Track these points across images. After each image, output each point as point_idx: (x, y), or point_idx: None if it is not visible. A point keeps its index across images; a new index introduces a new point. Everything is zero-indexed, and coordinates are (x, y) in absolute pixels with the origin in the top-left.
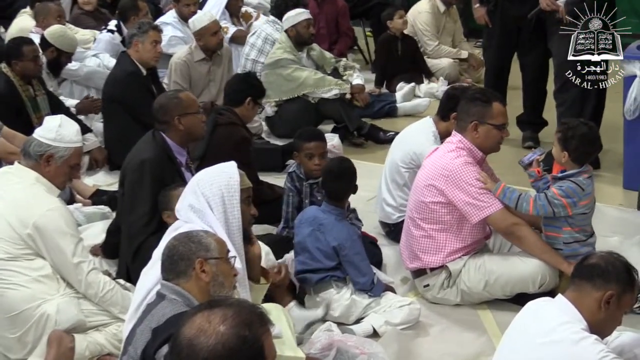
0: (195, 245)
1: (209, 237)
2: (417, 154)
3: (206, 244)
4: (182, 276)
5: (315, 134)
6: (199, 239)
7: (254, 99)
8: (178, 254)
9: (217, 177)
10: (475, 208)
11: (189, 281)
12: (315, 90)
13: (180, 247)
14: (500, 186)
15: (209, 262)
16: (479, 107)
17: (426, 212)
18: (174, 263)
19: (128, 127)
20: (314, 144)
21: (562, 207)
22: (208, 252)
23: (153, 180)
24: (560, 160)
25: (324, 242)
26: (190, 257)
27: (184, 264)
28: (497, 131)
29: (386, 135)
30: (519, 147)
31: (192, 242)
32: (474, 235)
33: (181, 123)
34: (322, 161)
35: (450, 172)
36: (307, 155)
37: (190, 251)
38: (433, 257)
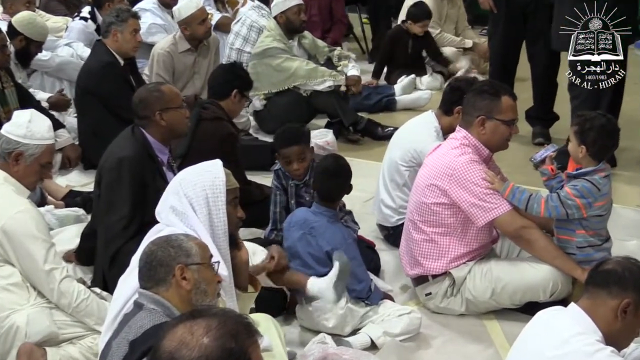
0: (175, 250)
1: (189, 241)
2: (417, 151)
3: (187, 248)
4: (162, 284)
5: (291, 137)
6: (179, 243)
7: (240, 92)
8: (156, 260)
9: (201, 177)
10: (481, 209)
11: (169, 289)
12: (307, 82)
13: (159, 252)
14: (509, 186)
15: (190, 268)
16: (487, 101)
17: (428, 214)
18: (152, 270)
19: (104, 122)
20: (289, 150)
21: (576, 209)
22: (189, 258)
23: (132, 180)
24: (578, 155)
25: (316, 246)
26: (170, 263)
27: (163, 270)
28: (506, 127)
29: (384, 131)
30: (528, 143)
31: (172, 247)
32: (479, 239)
33: (163, 118)
34: (303, 164)
35: (454, 170)
36: (285, 160)
37: (170, 257)
38: (435, 263)
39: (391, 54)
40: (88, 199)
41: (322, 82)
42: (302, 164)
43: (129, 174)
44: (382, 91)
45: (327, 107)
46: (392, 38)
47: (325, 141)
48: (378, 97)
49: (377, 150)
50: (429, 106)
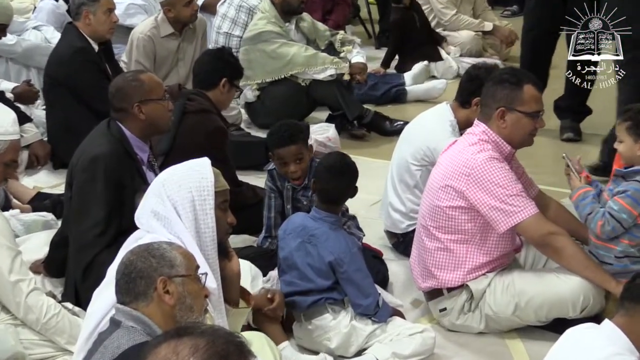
0: (157, 260)
1: (173, 250)
2: (431, 148)
3: (170, 258)
4: (142, 298)
5: (286, 136)
6: (161, 253)
7: (230, 81)
8: (136, 271)
9: (186, 177)
10: (503, 214)
11: (150, 304)
12: (306, 70)
13: (139, 262)
14: (582, 190)
15: (174, 281)
16: (507, 91)
17: (442, 219)
18: (130, 282)
19: (76, 115)
20: (285, 151)
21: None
22: (173, 269)
23: (107, 180)
24: (635, 153)
25: (317, 256)
26: (151, 275)
27: (144, 283)
28: (529, 120)
29: (393, 125)
30: (556, 138)
31: (153, 257)
32: (501, 247)
33: (142, 111)
34: (300, 166)
35: (472, 169)
36: (280, 162)
37: (151, 267)
38: (451, 275)
39: (402, 39)
40: (58, 202)
41: (322, 70)
42: (299, 166)
43: (104, 174)
44: (390, 80)
45: (328, 98)
46: (397, 23)
47: (326, 137)
48: (386, 87)
49: (385, 147)
50: (444, 97)
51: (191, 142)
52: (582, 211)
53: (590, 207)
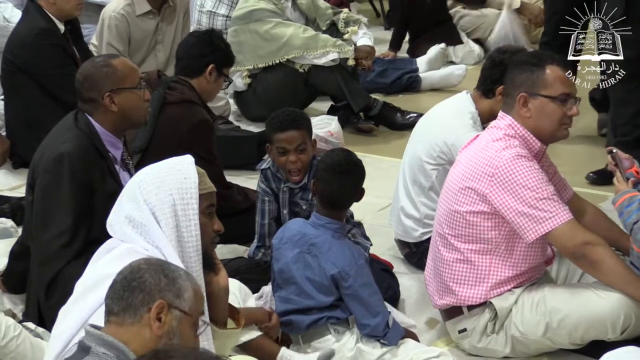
0: (167, 282)
1: (187, 282)
2: (448, 144)
3: (181, 287)
4: (130, 313)
5: (289, 119)
6: (174, 277)
7: (218, 67)
8: (140, 282)
9: (166, 178)
10: (532, 220)
11: (134, 325)
12: (304, 54)
13: (147, 274)
14: (627, 195)
15: (172, 312)
16: (527, 74)
17: (462, 227)
18: (128, 290)
19: (39, 106)
20: (286, 136)
21: None
22: (178, 299)
23: (74, 182)
24: None
25: (317, 269)
26: (153, 293)
27: (141, 297)
28: (557, 106)
29: (405, 117)
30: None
31: (165, 276)
32: (529, 258)
33: (114, 102)
34: (302, 157)
35: (497, 169)
36: (280, 151)
37: (157, 285)
38: (472, 291)
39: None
40: (18, 207)
41: (323, 54)
42: (301, 157)
43: (70, 175)
44: (402, 66)
45: (330, 87)
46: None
47: (327, 131)
48: (397, 74)
49: (396, 143)
50: (464, 85)
51: (172, 137)
52: (626, 219)
53: (636, 214)
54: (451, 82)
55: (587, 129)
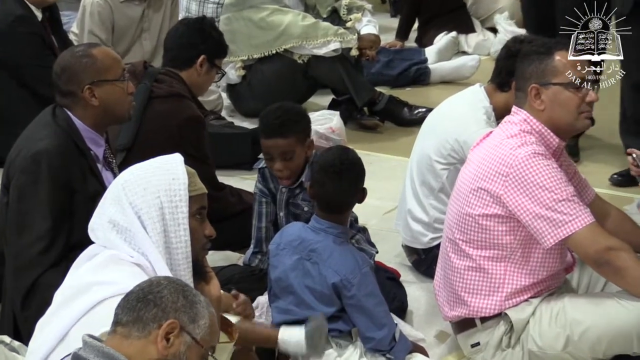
0: (185, 304)
1: (206, 310)
2: (460, 141)
3: (198, 313)
4: (139, 326)
5: (276, 124)
6: (194, 301)
7: (209, 58)
8: (157, 296)
9: (153, 178)
10: (550, 224)
11: (141, 339)
12: (303, 44)
13: (166, 290)
14: None
15: (183, 335)
16: (536, 62)
17: (474, 232)
18: (142, 302)
19: (14, 100)
20: (270, 143)
21: None
22: (192, 324)
23: (53, 183)
24: None
25: (318, 277)
26: (168, 311)
27: (154, 312)
28: (571, 93)
29: (413, 112)
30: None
31: (184, 297)
32: (548, 266)
33: (94, 95)
34: (289, 164)
35: (511, 168)
36: (266, 156)
37: (174, 305)
38: (485, 301)
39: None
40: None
41: (324, 43)
42: (288, 164)
43: (48, 175)
44: (409, 56)
45: (331, 79)
46: None
47: (328, 127)
48: (404, 65)
49: (403, 140)
50: (476, 78)
51: (159, 134)
52: None
53: None
54: (463, 74)
55: (611, 123)
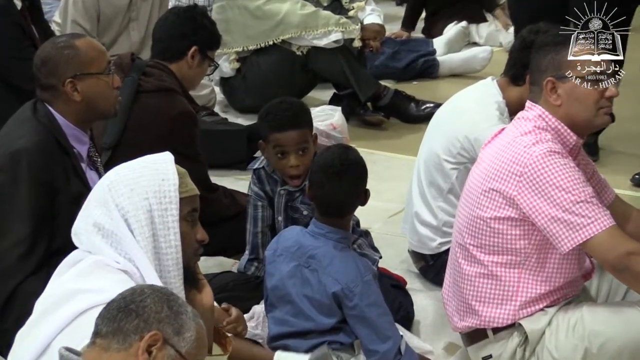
0: (170, 315)
1: (193, 322)
2: (471, 139)
3: (184, 325)
4: (119, 338)
5: (288, 115)
6: (179, 311)
7: (201, 50)
8: (140, 306)
9: (141, 179)
10: (567, 227)
11: (120, 352)
12: (302, 34)
13: (149, 299)
14: None
15: (167, 349)
16: (551, 55)
17: (486, 236)
18: (123, 312)
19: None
20: (284, 137)
21: None
22: (177, 337)
23: (33, 183)
24: None
25: (317, 286)
26: (150, 322)
27: (136, 323)
28: (589, 87)
29: (420, 108)
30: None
31: (169, 308)
32: (564, 272)
33: (77, 89)
34: (304, 159)
35: (526, 167)
36: (277, 151)
37: (157, 316)
38: (498, 310)
39: None
40: None
41: (325, 34)
42: (303, 159)
43: (28, 175)
44: (416, 48)
45: (332, 72)
46: None
47: (329, 124)
48: (411, 57)
49: (409, 138)
50: (488, 70)
51: (147, 131)
52: None
53: None
54: (474, 66)
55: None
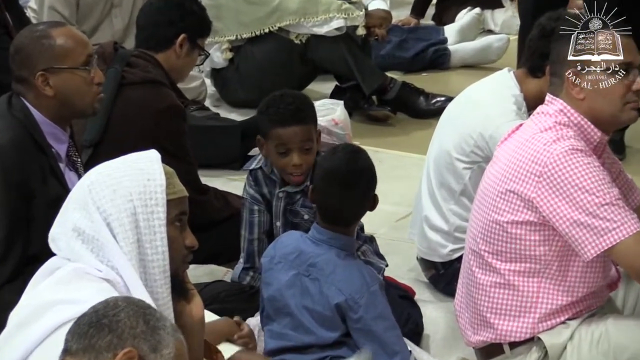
0: (146, 330)
1: (172, 338)
2: (486, 136)
3: (161, 341)
4: (90, 356)
5: (292, 110)
6: (156, 326)
7: (190, 38)
8: (113, 321)
9: (124, 179)
10: (591, 232)
11: None
12: (301, 21)
13: (123, 313)
14: None
15: None
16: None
17: (503, 242)
18: (96, 328)
19: None
20: (289, 132)
21: None
22: (153, 354)
23: (7, 184)
24: None
25: (319, 296)
26: (125, 338)
27: (109, 339)
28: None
29: (430, 102)
30: None
31: (145, 322)
32: (588, 282)
33: (49, 84)
34: (307, 158)
35: (546, 166)
36: (280, 149)
37: (132, 331)
38: (516, 323)
39: None
40: None
41: (326, 21)
42: (306, 158)
43: (2, 175)
44: (426, 36)
45: (334, 62)
46: None
47: (331, 119)
48: (420, 46)
49: (418, 134)
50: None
51: (131, 127)
52: None
53: None
54: (489, 56)
55: None
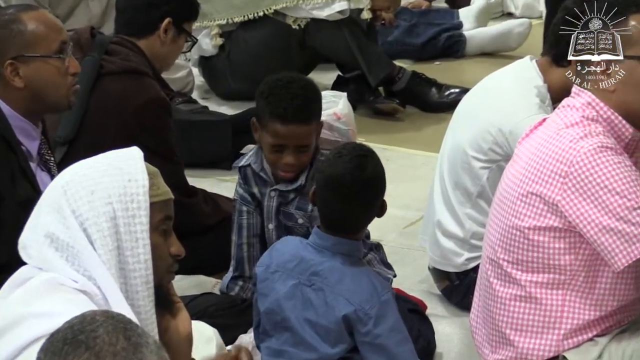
0: (126, 347)
1: (155, 355)
2: (505, 132)
3: (144, 357)
4: None
5: (297, 106)
6: (138, 343)
7: (176, 22)
8: (91, 336)
9: (103, 179)
10: (622, 239)
11: None
12: (299, 4)
13: (102, 329)
14: None
15: None
16: None
17: (524, 250)
18: (71, 345)
19: None
20: (287, 130)
21: None
22: None
23: None
24: None
25: (323, 308)
26: (102, 356)
27: (86, 358)
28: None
29: (443, 94)
30: None
31: (126, 338)
32: (618, 294)
33: (18, 74)
34: (300, 158)
35: (572, 166)
36: (274, 143)
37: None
38: (538, 340)
39: None
40: None
41: (327, 3)
42: (301, 157)
43: None
44: (439, 20)
45: (336, 50)
46: None
47: (332, 113)
48: (432, 32)
49: (430, 130)
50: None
51: (110, 122)
52: None
53: None
54: (508, 43)
55: None
